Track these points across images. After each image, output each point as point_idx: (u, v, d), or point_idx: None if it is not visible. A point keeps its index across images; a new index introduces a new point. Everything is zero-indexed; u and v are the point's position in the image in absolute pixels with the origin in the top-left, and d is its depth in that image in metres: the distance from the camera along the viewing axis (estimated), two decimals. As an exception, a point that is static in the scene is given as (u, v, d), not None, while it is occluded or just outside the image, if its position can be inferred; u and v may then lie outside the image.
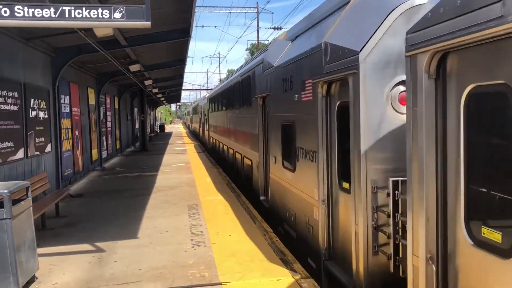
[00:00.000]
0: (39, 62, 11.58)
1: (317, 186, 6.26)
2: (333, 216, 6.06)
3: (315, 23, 7.23)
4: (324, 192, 6.12)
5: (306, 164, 6.81)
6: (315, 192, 6.36)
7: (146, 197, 12.52)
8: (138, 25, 5.69)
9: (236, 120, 14.80)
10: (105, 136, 20.83)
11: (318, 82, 6.09)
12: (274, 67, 8.78)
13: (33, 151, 10.67)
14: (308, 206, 6.79)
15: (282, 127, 8.25)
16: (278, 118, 8.61)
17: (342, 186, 5.71)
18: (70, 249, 7.81)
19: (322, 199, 6.14)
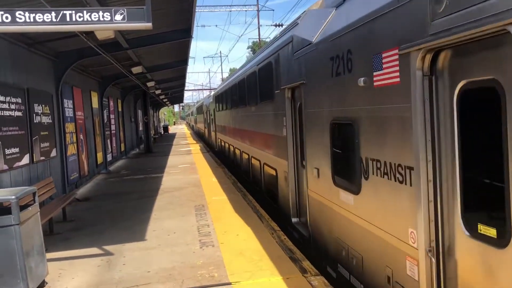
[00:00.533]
0: (42, 67, 11.60)
1: (416, 225, 3.90)
2: (449, 279, 3.76)
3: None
4: (431, 237, 3.80)
5: (386, 186, 4.44)
6: (411, 234, 4.02)
7: (153, 198, 12.52)
8: (139, 26, 5.67)
9: (252, 119, 12.10)
10: (109, 139, 20.86)
11: (416, 52, 3.75)
12: (314, 43, 6.37)
13: (39, 156, 10.69)
14: (390, 251, 4.43)
15: (332, 127, 5.88)
16: (323, 114, 6.17)
17: (474, 232, 3.38)
18: (79, 253, 7.81)
19: (428, 248, 3.81)
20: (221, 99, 20.22)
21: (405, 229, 4.10)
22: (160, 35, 12.78)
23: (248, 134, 12.82)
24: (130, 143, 30.08)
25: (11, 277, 5.51)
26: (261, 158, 11.21)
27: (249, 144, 12.82)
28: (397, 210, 4.24)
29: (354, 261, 5.35)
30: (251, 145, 12.51)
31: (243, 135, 13.88)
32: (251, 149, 12.62)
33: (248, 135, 12.94)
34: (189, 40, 13.56)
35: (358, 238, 5.21)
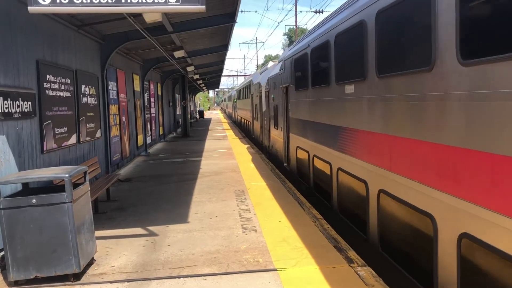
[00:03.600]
0: (89, 49, 11.81)
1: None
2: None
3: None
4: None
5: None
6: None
7: (192, 182, 12.65)
8: (193, 9, 5.64)
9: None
10: (149, 122, 21.18)
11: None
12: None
13: (85, 137, 10.93)
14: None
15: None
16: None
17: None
18: (124, 232, 7.98)
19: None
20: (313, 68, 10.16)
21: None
22: (205, 19, 12.77)
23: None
24: (168, 126, 30.49)
25: (64, 253, 5.67)
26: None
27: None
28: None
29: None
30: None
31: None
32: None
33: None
34: (233, 25, 13.50)
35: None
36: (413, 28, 5.05)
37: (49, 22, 9.07)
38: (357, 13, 6.77)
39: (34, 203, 5.58)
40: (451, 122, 4.38)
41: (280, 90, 13.94)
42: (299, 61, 11.08)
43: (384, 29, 5.83)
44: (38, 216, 5.60)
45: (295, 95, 11.60)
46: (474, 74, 3.98)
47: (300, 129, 11.31)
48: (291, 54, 12.06)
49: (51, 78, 8.81)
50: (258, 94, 21.27)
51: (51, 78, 8.81)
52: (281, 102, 13.76)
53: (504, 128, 3.65)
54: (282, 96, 13.56)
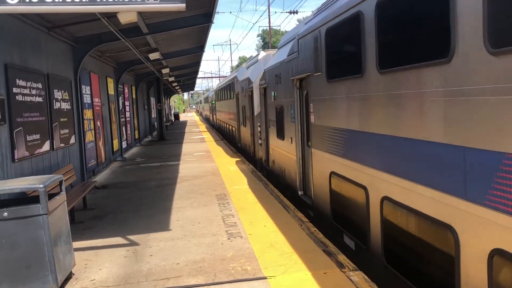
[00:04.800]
0: (61, 52, 11.35)
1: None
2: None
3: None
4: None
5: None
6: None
7: (172, 187, 12.32)
8: (173, 7, 5.37)
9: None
10: (124, 126, 20.68)
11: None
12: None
13: (59, 143, 10.49)
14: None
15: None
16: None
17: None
18: (103, 242, 7.62)
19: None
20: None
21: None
22: (181, 20, 12.45)
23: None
24: (143, 130, 29.93)
25: (39, 269, 5.31)
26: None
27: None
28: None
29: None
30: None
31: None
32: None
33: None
34: (210, 25, 13.22)
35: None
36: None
37: (17, 23, 8.63)
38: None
39: (6, 216, 5.20)
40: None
41: (287, 84, 10.00)
42: (339, 32, 6.66)
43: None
44: (10, 230, 5.23)
45: (326, 88, 7.25)
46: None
47: (341, 145, 6.80)
48: (316, 26, 7.51)
49: (21, 83, 8.38)
50: (247, 93, 16.99)
51: (21, 83, 8.38)
52: (291, 101, 9.73)
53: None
54: (292, 92, 9.49)
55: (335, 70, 6.99)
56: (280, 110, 10.99)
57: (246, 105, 17.80)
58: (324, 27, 7.20)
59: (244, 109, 18.71)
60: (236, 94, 21.07)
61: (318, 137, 7.96)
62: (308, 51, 8.24)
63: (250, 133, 17.17)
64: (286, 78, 10.07)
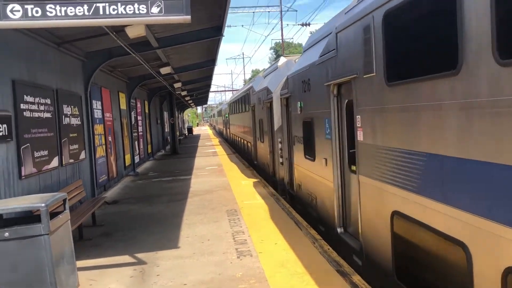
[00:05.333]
0: (71, 67, 11.32)
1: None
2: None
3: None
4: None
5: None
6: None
7: (183, 202, 12.12)
8: (177, 19, 5.22)
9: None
10: (137, 140, 20.64)
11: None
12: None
13: (68, 159, 10.39)
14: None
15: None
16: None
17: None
18: (110, 261, 7.43)
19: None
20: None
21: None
22: (191, 33, 12.37)
23: None
24: (156, 144, 29.92)
25: (41, 290, 5.12)
26: None
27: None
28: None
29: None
30: None
31: None
32: None
33: None
34: (220, 39, 13.12)
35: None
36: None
37: (25, 39, 8.59)
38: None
39: (7, 236, 5.04)
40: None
41: (320, 92, 8.13)
42: (409, 13, 4.76)
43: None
44: (11, 251, 5.07)
45: (386, 94, 5.30)
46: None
47: (416, 176, 4.68)
48: (366, 11, 5.81)
49: (29, 99, 8.30)
50: (264, 105, 15.16)
51: (29, 99, 8.30)
52: (325, 112, 7.82)
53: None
54: (328, 101, 7.65)
55: (401, 68, 4.90)
56: (309, 124, 9.05)
57: (263, 118, 15.90)
58: (381, 10, 5.28)
59: (261, 122, 16.72)
60: (252, 106, 19.17)
61: (371, 161, 5.79)
62: (352, 46, 6.26)
63: (269, 150, 15.12)
64: (318, 84, 8.20)
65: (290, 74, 10.86)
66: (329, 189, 7.87)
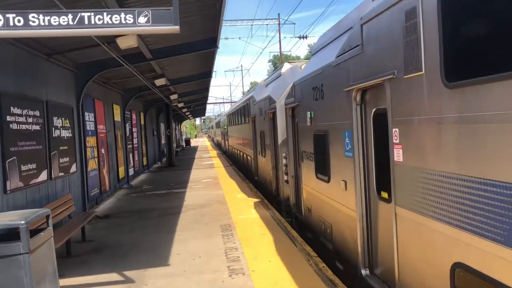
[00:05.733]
0: (62, 78, 11.13)
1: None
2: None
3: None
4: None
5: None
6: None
7: (176, 216, 11.86)
8: (166, 30, 5.03)
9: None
10: (131, 153, 20.39)
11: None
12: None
13: (57, 172, 10.15)
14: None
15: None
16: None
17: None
18: (97, 279, 7.15)
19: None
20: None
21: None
22: (185, 45, 12.22)
23: None
24: (152, 156, 29.67)
25: (19, 313, 4.85)
26: None
27: None
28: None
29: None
30: None
31: None
32: None
33: None
34: (215, 51, 12.98)
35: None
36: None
37: (13, 50, 8.39)
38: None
39: (-16, 256, 4.78)
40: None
41: (337, 99, 6.74)
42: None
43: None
44: (-12, 271, 4.80)
45: (443, 99, 3.91)
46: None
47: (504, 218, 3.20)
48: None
49: (16, 111, 8.09)
50: (267, 116, 13.87)
51: (16, 111, 8.09)
52: (345, 124, 6.45)
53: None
54: (348, 110, 6.27)
55: (472, 62, 3.51)
56: (322, 138, 7.61)
57: (265, 131, 14.50)
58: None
59: (262, 135, 15.22)
60: (252, 118, 17.79)
61: (415, 189, 4.38)
62: (387, 38, 4.91)
63: (272, 165, 13.66)
64: (335, 90, 6.81)
65: (297, 81, 9.58)
66: (349, 219, 6.41)
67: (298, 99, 9.40)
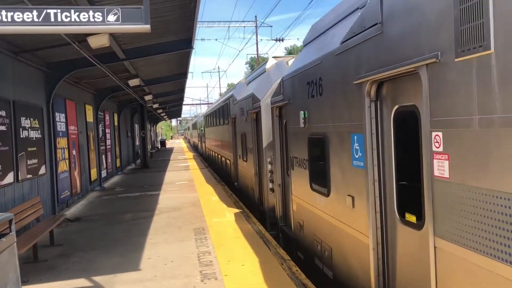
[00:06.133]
0: (31, 78, 10.80)
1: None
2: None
3: None
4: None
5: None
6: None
7: (148, 219, 11.64)
8: (136, 29, 4.89)
9: None
10: (104, 154, 20.00)
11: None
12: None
13: (25, 174, 9.83)
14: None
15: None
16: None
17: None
18: (64, 285, 6.92)
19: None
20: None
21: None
22: (159, 46, 12.02)
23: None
24: (126, 158, 29.20)
25: (-23, 323, 4.63)
26: None
27: None
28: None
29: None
30: None
31: None
32: None
33: None
34: (190, 51, 12.82)
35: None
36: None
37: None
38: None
39: None
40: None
41: (342, 95, 5.58)
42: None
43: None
44: None
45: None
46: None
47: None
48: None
49: (-20, 111, 7.79)
50: (249, 116, 12.52)
51: (-20, 111, 7.79)
52: (353, 126, 5.31)
53: None
54: (357, 109, 5.15)
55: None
56: (320, 143, 6.41)
57: (247, 132, 13.16)
58: None
59: (244, 137, 13.87)
60: (232, 118, 16.36)
61: (473, 218, 3.24)
62: (424, 10, 3.73)
63: (254, 171, 12.30)
64: (339, 84, 5.60)
65: (286, 76, 8.32)
66: (358, 244, 5.19)
67: (288, 97, 8.14)
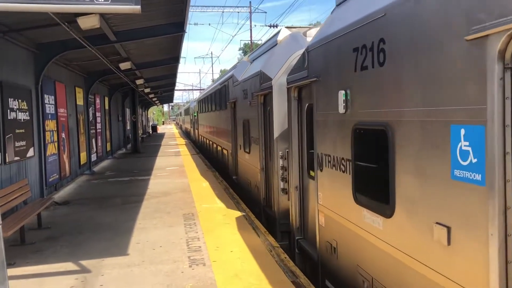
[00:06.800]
0: (19, 58, 10.60)
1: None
2: None
3: None
4: None
5: None
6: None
7: (138, 204, 11.58)
8: (126, 9, 4.76)
9: None
10: (94, 138, 19.82)
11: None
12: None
13: (12, 156, 9.69)
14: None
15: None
16: None
17: None
18: (51, 268, 6.86)
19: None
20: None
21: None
22: (151, 29, 11.84)
23: None
24: (116, 142, 29.01)
25: (-39, 305, 4.57)
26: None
27: None
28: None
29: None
30: None
31: None
32: None
33: None
34: (182, 35, 12.65)
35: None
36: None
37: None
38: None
39: None
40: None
41: (425, 65, 3.56)
42: None
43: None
44: None
45: None
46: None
47: None
48: None
49: (-34, 90, 7.63)
50: (255, 99, 10.36)
51: (-34, 90, 7.63)
52: (462, 114, 3.15)
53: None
54: (471, 84, 3.03)
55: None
56: (375, 136, 4.52)
57: (251, 119, 11.11)
58: None
59: (247, 125, 11.71)
60: (231, 103, 14.18)
61: None
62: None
63: (260, 166, 10.27)
64: (424, 44, 3.60)
65: (313, 44, 6.35)
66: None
67: (317, 72, 6.18)
